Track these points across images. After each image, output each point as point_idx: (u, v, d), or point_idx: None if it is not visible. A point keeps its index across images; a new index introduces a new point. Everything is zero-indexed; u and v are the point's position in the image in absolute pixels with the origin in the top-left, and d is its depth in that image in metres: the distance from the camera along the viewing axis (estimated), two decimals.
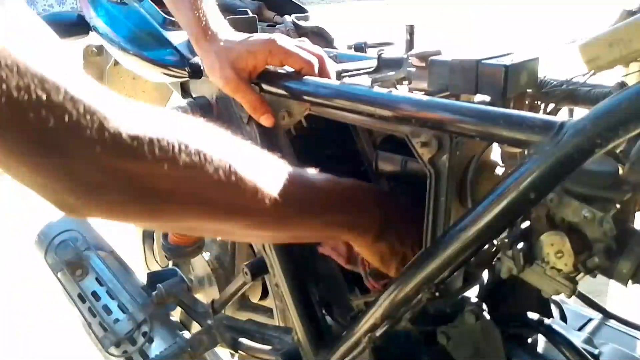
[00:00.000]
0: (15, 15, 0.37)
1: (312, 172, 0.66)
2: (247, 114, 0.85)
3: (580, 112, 0.52)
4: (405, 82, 0.80)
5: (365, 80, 0.76)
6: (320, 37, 1.14)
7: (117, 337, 1.12)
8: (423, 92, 0.71)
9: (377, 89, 0.68)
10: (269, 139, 0.85)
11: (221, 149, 0.51)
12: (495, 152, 0.68)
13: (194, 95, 1.00)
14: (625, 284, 0.52)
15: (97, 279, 1.21)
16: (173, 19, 1.04)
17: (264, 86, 0.81)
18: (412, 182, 0.72)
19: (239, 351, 1.04)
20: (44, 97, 0.37)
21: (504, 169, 0.67)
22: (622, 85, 0.60)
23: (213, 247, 1.28)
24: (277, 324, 1.07)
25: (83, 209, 0.44)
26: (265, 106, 0.80)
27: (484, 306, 0.63)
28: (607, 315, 0.70)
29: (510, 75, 0.62)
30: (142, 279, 1.27)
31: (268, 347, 0.98)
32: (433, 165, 0.63)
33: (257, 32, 1.04)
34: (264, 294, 1.21)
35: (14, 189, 2.85)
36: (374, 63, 0.88)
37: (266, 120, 0.80)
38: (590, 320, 0.85)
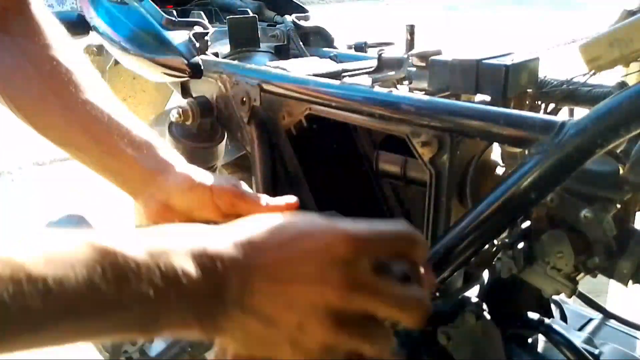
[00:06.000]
0: None
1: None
2: (248, 113, 0.85)
3: (581, 112, 0.53)
4: (406, 82, 0.80)
5: (365, 80, 0.76)
6: (320, 37, 1.14)
7: None
8: (423, 92, 0.71)
9: (377, 89, 0.68)
10: (268, 139, 0.84)
11: None
12: (495, 152, 0.68)
13: (194, 95, 1.00)
14: (626, 284, 0.52)
15: None
16: (173, 18, 1.04)
17: (264, 86, 0.81)
18: None
19: None
20: None
21: (504, 169, 0.67)
22: (622, 85, 0.59)
23: None
24: None
25: None
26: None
27: (484, 306, 0.63)
28: (607, 315, 0.70)
29: (511, 75, 0.62)
30: None
31: None
32: (433, 165, 0.63)
33: (257, 32, 1.04)
34: None
35: (14, 189, 2.85)
36: (374, 63, 0.88)
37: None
38: (590, 320, 0.85)
